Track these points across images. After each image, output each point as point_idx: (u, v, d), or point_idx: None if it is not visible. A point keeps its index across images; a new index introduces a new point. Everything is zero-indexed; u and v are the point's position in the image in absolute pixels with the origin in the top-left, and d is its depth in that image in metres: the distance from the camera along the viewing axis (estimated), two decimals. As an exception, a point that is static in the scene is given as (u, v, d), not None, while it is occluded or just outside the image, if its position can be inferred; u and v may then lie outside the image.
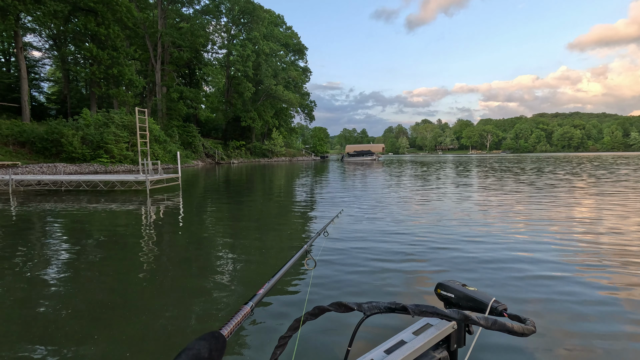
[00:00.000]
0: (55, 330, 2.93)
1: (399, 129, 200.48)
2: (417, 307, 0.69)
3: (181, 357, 0.47)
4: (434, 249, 5.14)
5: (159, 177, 14.38)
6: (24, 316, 3.22)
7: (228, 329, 0.66)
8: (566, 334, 2.77)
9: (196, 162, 40.54)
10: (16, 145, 24.51)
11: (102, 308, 3.34)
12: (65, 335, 2.84)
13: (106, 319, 3.11)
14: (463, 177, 19.44)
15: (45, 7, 25.96)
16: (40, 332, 2.91)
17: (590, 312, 3.14)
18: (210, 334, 0.57)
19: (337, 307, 0.74)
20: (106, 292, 3.73)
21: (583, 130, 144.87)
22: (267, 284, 0.92)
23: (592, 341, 2.67)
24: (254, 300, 0.81)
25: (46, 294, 3.71)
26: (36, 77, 38.37)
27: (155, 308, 3.34)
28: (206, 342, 0.54)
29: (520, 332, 0.66)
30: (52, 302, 3.49)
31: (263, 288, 0.89)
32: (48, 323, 3.06)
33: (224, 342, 0.58)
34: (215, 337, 0.57)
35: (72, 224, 7.47)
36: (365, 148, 71.97)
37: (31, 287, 3.89)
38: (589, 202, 9.43)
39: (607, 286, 3.70)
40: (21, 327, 3.00)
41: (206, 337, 0.55)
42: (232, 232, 6.66)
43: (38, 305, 3.42)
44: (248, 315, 0.76)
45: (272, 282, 0.95)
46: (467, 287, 0.84)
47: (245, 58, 46.87)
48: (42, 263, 4.74)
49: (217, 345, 0.55)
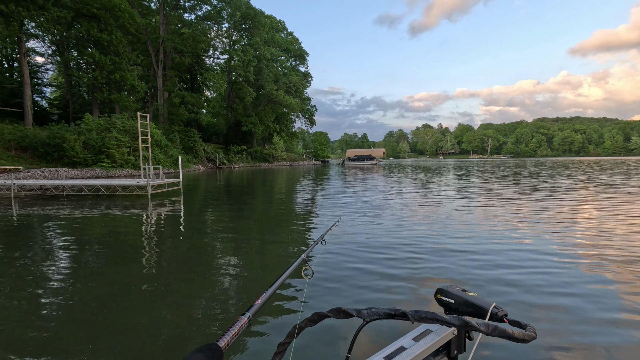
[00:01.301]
0: (51, 340, 2.90)
1: (400, 133, 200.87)
2: (416, 313, 0.69)
3: None
4: (434, 254, 5.13)
5: (160, 181, 14.41)
6: (20, 324, 3.20)
7: (225, 340, 0.64)
8: (567, 340, 2.77)
9: (197, 167, 40.62)
10: (18, 150, 24.63)
11: (100, 316, 3.32)
12: (60, 346, 2.81)
13: (103, 328, 3.08)
14: (466, 182, 19.44)
15: (49, 13, 26.24)
16: (37, 341, 2.89)
17: (589, 312, 3.14)
18: (206, 346, 0.56)
19: (336, 314, 0.74)
20: (105, 300, 3.72)
21: (584, 135, 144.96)
22: (265, 294, 0.92)
23: (595, 345, 2.66)
24: (251, 311, 0.81)
25: (45, 301, 3.71)
26: (39, 82, 38.67)
27: (154, 317, 3.33)
28: (203, 354, 0.53)
29: (521, 338, 0.65)
30: (50, 310, 3.47)
31: (260, 299, 0.89)
32: (45, 331, 3.04)
33: (220, 354, 0.57)
34: (212, 349, 0.55)
35: (73, 229, 7.49)
36: (366, 153, 72.08)
37: (30, 293, 3.89)
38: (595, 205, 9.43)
39: (609, 281, 3.70)
40: (17, 336, 2.98)
41: (203, 350, 0.54)
42: (232, 239, 6.67)
43: (36, 312, 3.41)
44: (245, 326, 0.75)
45: (270, 292, 0.94)
46: (467, 293, 0.83)
47: (247, 63, 47.16)
48: (42, 268, 4.75)
49: (213, 358, 0.54)
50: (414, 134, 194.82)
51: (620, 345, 2.69)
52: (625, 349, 2.64)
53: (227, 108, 54.70)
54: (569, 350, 2.63)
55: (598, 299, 3.51)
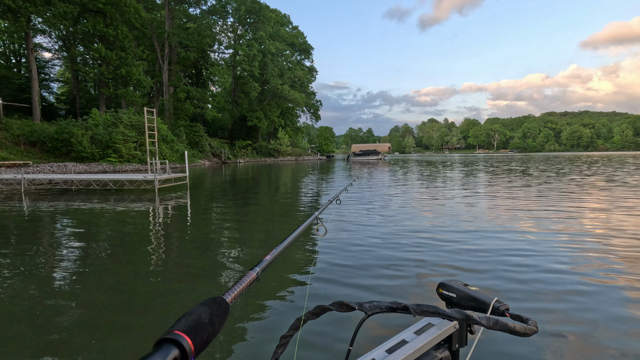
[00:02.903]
0: (59, 341, 2.90)
1: (405, 128, 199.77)
2: (418, 307, 0.69)
3: (181, 322, 0.45)
4: (437, 248, 5.16)
5: (167, 176, 14.55)
6: (26, 319, 3.25)
7: (232, 294, 0.62)
8: (570, 334, 2.80)
9: (203, 162, 40.84)
10: (27, 144, 24.95)
11: (106, 312, 3.33)
12: (67, 342, 2.83)
13: (110, 324, 3.09)
14: (475, 177, 19.34)
15: (55, 8, 26.36)
16: (42, 337, 2.93)
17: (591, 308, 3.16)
18: (212, 299, 0.54)
19: (338, 307, 0.74)
20: (111, 295, 3.76)
21: (592, 129, 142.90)
22: (275, 250, 0.90)
23: (594, 339, 2.69)
24: (261, 267, 0.79)
25: (52, 300, 3.75)
26: (46, 77, 38.95)
27: (160, 313, 3.37)
28: (208, 307, 0.51)
29: (522, 332, 0.65)
30: (58, 309, 3.45)
31: (270, 254, 0.87)
32: (51, 328, 3.08)
33: (226, 307, 0.55)
34: (217, 303, 0.53)
35: (83, 222, 7.63)
36: (371, 147, 71.84)
37: (39, 290, 3.96)
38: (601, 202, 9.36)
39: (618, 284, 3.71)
40: (23, 331, 3.03)
41: (208, 303, 0.52)
42: (238, 233, 6.75)
43: (43, 311, 3.44)
44: (254, 281, 0.73)
45: (280, 248, 0.92)
46: (469, 287, 0.84)
47: (252, 58, 47.07)
48: (52, 264, 4.86)
49: (219, 311, 0.52)
50: (420, 128, 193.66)
51: (626, 348, 2.71)
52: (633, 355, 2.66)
53: (232, 103, 54.75)
54: (570, 343, 2.66)
55: (604, 294, 3.52)
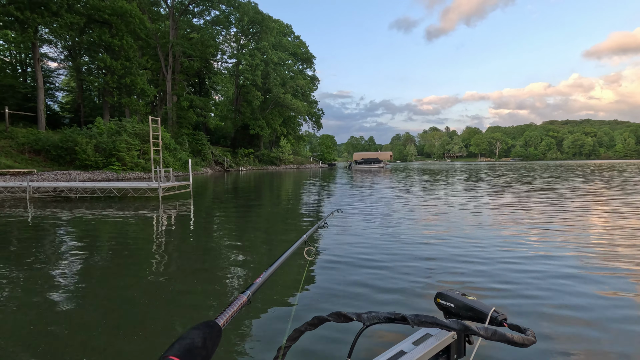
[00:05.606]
0: (61, 341, 2.94)
1: (407, 136, 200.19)
2: (416, 317, 0.69)
3: (174, 347, 0.45)
4: (435, 258, 5.20)
5: (171, 184, 14.66)
6: (30, 325, 3.27)
7: (224, 318, 0.62)
8: (567, 344, 2.83)
9: (205, 170, 41.02)
10: (32, 153, 25.21)
11: (110, 319, 3.36)
12: (71, 347, 2.86)
13: (116, 333, 3.12)
14: (475, 185, 19.36)
15: (62, 19, 26.87)
16: (49, 346, 2.96)
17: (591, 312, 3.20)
18: (204, 323, 0.54)
19: (336, 317, 0.74)
20: (114, 303, 3.80)
21: (594, 138, 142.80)
22: (265, 273, 0.91)
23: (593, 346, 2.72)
24: (251, 290, 0.80)
25: (56, 306, 3.77)
26: (51, 86, 39.47)
27: (163, 320, 3.39)
28: (200, 331, 0.51)
29: (521, 342, 0.65)
30: (62, 314, 3.49)
31: (260, 277, 0.88)
32: (55, 333, 3.10)
33: (219, 331, 0.55)
34: (209, 327, 0.54)
35: (87, 230, 7.71)
36: (373, 156, 72.00)
37: (43, 297, 4.00)
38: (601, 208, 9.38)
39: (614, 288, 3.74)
40: (26, 338, 3.04)
41: (200, 327, 0.52)
42: (240, 241, 6.81)
43: (48, 316, 3.47)
44: (245, 304, 0.74)
45: (270, 271, 0.93)
46: (467, 297, 0.83)
47: (254, 67, 47.58)
48: (56, 270, 4.91)
49: (211, 335, 0.52)
50: (422, 137, 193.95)
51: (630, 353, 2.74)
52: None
53: (234, 111, 55.17)
54: (569, 355, 2.69)
55: (605, 304, 3.54)
